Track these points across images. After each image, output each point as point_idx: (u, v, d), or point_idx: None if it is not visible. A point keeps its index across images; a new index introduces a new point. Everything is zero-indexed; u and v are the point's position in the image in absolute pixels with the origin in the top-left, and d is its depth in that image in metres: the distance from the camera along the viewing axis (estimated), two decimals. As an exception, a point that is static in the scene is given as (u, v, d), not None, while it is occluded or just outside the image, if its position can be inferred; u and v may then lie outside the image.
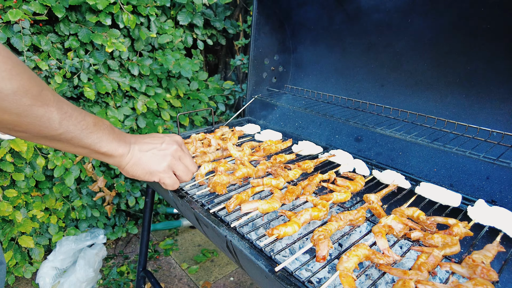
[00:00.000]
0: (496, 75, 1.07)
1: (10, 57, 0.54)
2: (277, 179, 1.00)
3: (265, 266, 0.69)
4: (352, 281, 0.63)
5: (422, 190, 0.98)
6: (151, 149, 0.87)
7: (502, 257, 0.74)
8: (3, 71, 0.53)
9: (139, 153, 0.84)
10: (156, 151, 0.88)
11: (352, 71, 1.50)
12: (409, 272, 0.64)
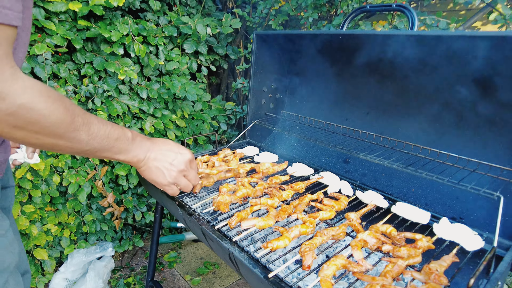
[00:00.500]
0: (465, 109, 1.23)
1: (50, 95, 0.69)
2: (272, 198, 1.16)
3: (261, 274, 0.84)
4: (330, 286, 0.78)
5: (397, 209, 1.13)
6: (162, 163, 1.03)
7: (457, 266, 0.89)
8: (45, 109, 0.68)
9: (151, 163, 1.01)
10: (164, 169, 1.04)
11: (341, 99, 1.67)
12: (377, 278, 0.79)
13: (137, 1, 2.16)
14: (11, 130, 0.64)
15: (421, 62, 1.21)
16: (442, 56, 1.14)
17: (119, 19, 2.12)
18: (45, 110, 0.67)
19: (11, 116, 0.62)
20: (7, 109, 0.61)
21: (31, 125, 0.66)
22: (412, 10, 1.17)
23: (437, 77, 1.23)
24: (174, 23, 2.32)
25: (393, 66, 1.31)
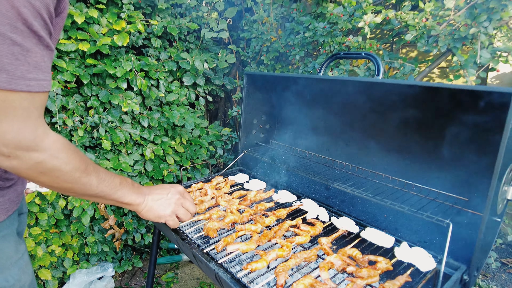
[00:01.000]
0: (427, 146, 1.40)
1: (69, 147, 0.86)
2: (256, 225, 1.31)
3: (241, 291, 0.99)
4: (298, 301, 0.93)
5: (366, 234, 1.28)
6: (160, 199, 1.20)
7: (410, 284, 1.03)
8: (66, 158, 0.85)
9: (151, 202, 1.17)
10: (163, 201, 1.20)
11: (323, 132, 1.84)
12: (338, 295, 0.94)
13: (140, 40, 2.37)
14: (38, 175, 0.81)
15: (383, 103, 1.39)
16: (397, 99, 1.32)
17: (123, 55, 2.33)
18: (66, 159, 0.84)
19: (40, 164, 0.79)
20: (37, 157, 0.78)
21: (54, 172, 0.82)
22: (378, 58, 1.36)
23: (398, 117, 1.40)
24: (174, 59, 2.53)
25: (362, 106, 1.49)
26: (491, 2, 1.31)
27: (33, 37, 0.71)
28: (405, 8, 1.58)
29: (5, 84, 0.68)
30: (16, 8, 0.65)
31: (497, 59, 1.40)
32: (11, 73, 0.68)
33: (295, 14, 2.28)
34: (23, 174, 0.82)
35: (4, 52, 0.66)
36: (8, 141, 0.74)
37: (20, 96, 0.72)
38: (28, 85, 0.72)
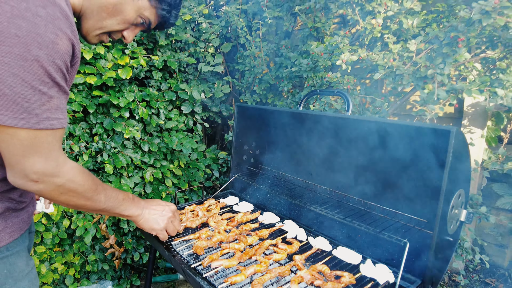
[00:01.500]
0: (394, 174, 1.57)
1: (84, 172, 1.05)
2: (239, 243, 1.47)
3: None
4: (268, 309, 1.08)
5: (337, 252, 1.43)
6: (155, 214, 1.38)
7: (368, 297, 1.18)
8: (81, 181, 1.03)
9: (147, 215, 1.35)
10: (157, 216, 1.38)
11: (307, 158, 2.02)
12: (303, 304, 1.08)
13: (142, 72, 2.60)
14: (59, 195, 1.00)
15: (353, 135, 1.57)
16: (364, 132, 1.50)
17: (127, 87, 2.55)
18: (81, 182, 1.03)
19: (61, 187, 0.98)
20: (59, 182, 0.97)
21: (71, 192, 1.01)
22: (348, 96, 1.55)
23: (368, 148, 1.58)
24: (173, 89, 2.75)
25: (335, 137, 1.67)
26: (444, 48, 1.51)
27: (55, 87, 0.91)
28: (376, 49, 1.79)
29: (35, 125, 0.87)
30: (44, 67, 0.85)
31: (454, 96, 1.58)
32: (40, 116, 0.88)
33: (284, 50, 2.50)
34: (46, 195, 1.01)
35: (35, 100, 0.86)
36: (37, 170, 0.93)
37: (46, 133, 0.91)
38: (52, 124, 0.92)
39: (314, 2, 2.04)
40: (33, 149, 0.91)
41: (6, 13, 0.78)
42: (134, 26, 1.16)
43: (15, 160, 0.92)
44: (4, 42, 0.77)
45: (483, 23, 1.38)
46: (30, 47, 0.80)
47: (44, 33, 0.82)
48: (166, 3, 1.14)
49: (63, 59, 0.91)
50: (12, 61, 0.79)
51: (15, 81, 0.82)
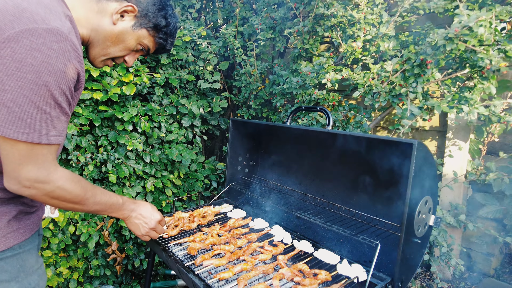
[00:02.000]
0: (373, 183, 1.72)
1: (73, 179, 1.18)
2: (229, 245, 1.62)
3: (209, 294, 1.28)
4: (251, 301, 1.22)
5: (318, 254, 1.58)
6: (140, 221, 1.52)
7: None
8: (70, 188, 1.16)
9: (133, 220, 1.49)
10: (141, 224, 1.52)
11: (295, 169, 2.17)
12: (281, 297, 1.23)
13: (145, 89, 2.79)
14: (49, 200, 1.14)
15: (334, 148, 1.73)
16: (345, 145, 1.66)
17: (131, 102, 2.74)
18: (70, 189, 1.17)
19: (51, 192, 1.12)
20: (49, 188, 1.11)
21: (61, 197, 1.16)
22: (329, 112, 1.72)
23: (347, 159, 1.74)
24: (174, 104, 2.94)
25: (320, 148, 1.83)
26: (415, 69, 1.68)
27: (57, 108, 1.07)
28: (357, 69, 1.96)
29: (35, 139, 1.03)
30: (50, 91, 1.02)
31: (427, 111, 1.74)
32: (40, 132, 1.03)
33: (277, 68, 2.69)
34: (39, 199, 1.15)
35: (38, 118, 1.02)
36: (30, 177, 1.07)
37: (42, 147, 1.06)
38: (49, 140, 1.07)
39: (302, 25, 2.23)
40: (28, 159, 1.05)
41: (26, 46, 0.95)
42: (135, 52, 1.34)
43: (12, 168, 1.07)
44: (21, 69, 0.95)
45: (447, 48, 1.55)
46: (41, 74, 0.98)
47: (54, 63, 0.99)
48: (162, 33, 1.32)
49: (68, 84, 1.07)
50: (25, 85, 0.97)
51: (24, 101, 0.98)
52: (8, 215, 1.19)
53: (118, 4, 1.22)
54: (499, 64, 1.54)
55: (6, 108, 0.98)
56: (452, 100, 1.74)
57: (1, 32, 0.96)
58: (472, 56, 1.66)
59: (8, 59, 0.96)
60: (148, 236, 1.56)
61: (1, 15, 0.98)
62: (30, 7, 1.00)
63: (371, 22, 1.88)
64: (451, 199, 2.89)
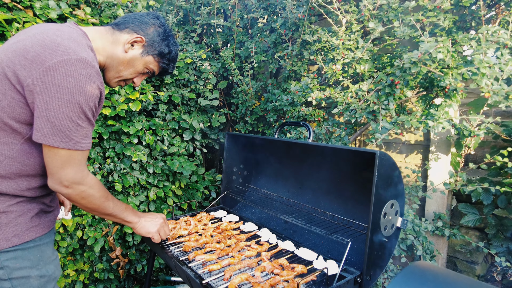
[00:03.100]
0: (348, 189, 1.93)
1: (99, 183, 1.42)
2: (220, 244, 1.82)
3: (198, 281, 1.48)
4: (234, 287, 1.42)
5: (298, 252, 1.77)
6: (150, 221, 1.72)
7: (315, 282, 1.50)
8: (97, 189, 1.41)
9: (144, 222, 1.70)
10: (152, 223, 1.72)
11: (284, 177, 2.39)
12: (260, 284, 1.42)
13: (150, 105, 3.05)
14: (80, 199, 1.37)
15: (315, 157, 1.95)
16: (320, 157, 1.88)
17: (136, 117, 2.99)
18: (97, 190, 1.41)
19: (83, 192, 1.35)
20: (82, 188, 1.34)
21: (90, 197, 1.39)
22: (309, 126, 1.94)
23: (326, 168, 1.95)
24: (176, 119, 3.19)
25: (303, 159, 2.05)
26: (386, 88, 1.91)
27: (87, 121, 1.31)
28: (337, 89, 2.20)
29: (72, 146, 1.27)
30: (81, 108, 1.26)
31: (398, 126, 1.96)
32: (75, 140, 1.28)
33: (270, 87, 2.94)
34: (72, 198, 1.38)
35: (73, 129, 1.26)
36: (69, 178, 1.31)
37: (77, 153, 1.30)
38: (82, 146, 1.31)
39: (291, 49, 2.49)
40: (67, 164, 1.30)
41: (62, 73, 1.21)
42: (142, 75, 1.59)
43: (55, 171, 1.31)
44: (59, 91, 1.20)
45: (412, 70, 1.78)
46: (74, 95, 1.23)
47: (84, 85, 1.25)
48: (166, 59, 1.58)
49: (94, 102, 1.32)
50: (63, 104, 1.21)
51: (63, 116, 1.23)
52: (32, 212, 1.41)
53: (129, 35, 1.49)
54: (457, 84, 1.76)
55: (50, 123, 1.23)
56: (421, 116, 1.96)
57: (42, 62, 1.23)
58: (433, 78, 1.89)
59: (49, 84, 1.21)
60: (159, 235, 1.75)
61: (41, 49, 1.24)
62: (64, 42, 1.27)
63: (349, 47, 2.13)
64: (435, 209, 3.07)
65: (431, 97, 2.07)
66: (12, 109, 1.26)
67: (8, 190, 1.33)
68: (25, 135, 1.31)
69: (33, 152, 1.34)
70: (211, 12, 3.05)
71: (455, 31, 2.09)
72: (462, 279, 0.97)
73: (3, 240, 1.33)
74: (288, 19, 2.40)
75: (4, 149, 1.30)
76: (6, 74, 1.25)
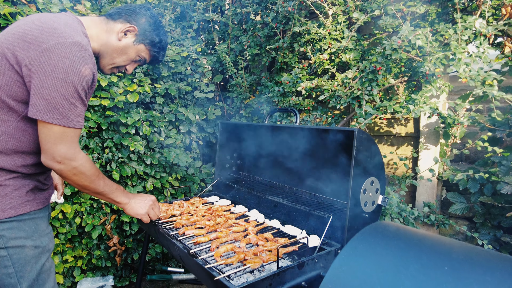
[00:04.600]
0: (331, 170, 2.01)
1: (90, 160, 1.51)
2: (210, 222, 1.91)
3: (187, 251, 1.57)
4: (219, 255, 1.50)
5: (284, 228, 1.85)
6: (140, 202, 1.79)
7: (297, 252, 1.58)
8: (89, 166, 1.49)
9: (133, 204, 1.77)
10: (141, 204, 1.80)
11: (275, 162, 2.47)
12: (244, 251, 1.51)
13: (147, 98, 3.16)
14: (72, 175, 1.45)
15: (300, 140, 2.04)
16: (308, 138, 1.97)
17: (134, 109, 3.10)
18: (89, 167, 1.49)
19: (74, 169, 1.43)
20: (74, 164, 1.42)
21: (81, 174, 1.47)
22: (296, 111, 2.03)
23: (311, 150, 2.04)
24: (173, 112, 3.29)
25: (291, 143, 2.14)
26: (369, 75, 2.00)
27: (80, 100, 1.41)
28: (325, 77, 2.29)
29: (65, 123, 1.36)
30: (75, 87, 1.36)
31: (380, 111, 2.04)
32: (68, 118, 1.37)
33: (264, 80, 3.04)
34: (64, 174, 1.47)
35: (67, 107, 1.36)
36: (61, 154, 1.40)
37: (70, 130, 1.39)
38: (75, 124, 1.41)
39: (282, 42, 2.59)
40: (60, 140, 1.39)
41: (57, 54, 1.31)
42: (134, 62, 1.69)
43: (48, 146, 1.40)
44: (55, 71, 1.30)
45: (392, 57, 1.87)
46: (69, 75, 1.33)
47: (78, 66, 1.35)
48: (156, 47, 1.68)
49: (87, 83, 1.42)
50: (58, 83, 1.31)
51: (57, 94, 1.33)
52: (27, 187, 1.50)
53: (123, 25, 1.60)
54: (436, 70, 1.85)
55: (45, 100, 1.32)
56: (403, 101, 2.05)
57: (40, 44, 1.33)
58: (414, 64, 1.98)
59: (46, 64, 1.31)
60: (148, 215, 1.83)
61: (39, 32, 1.34)
62: (60, 27, 1.38)
63: (335, 37, 2.22)
64: (425, 199, 3.14)
65: (414, 84, 2.16)
66: (9, 87, 1.36)
67: (4, 165, 1.42)
68: (21, 113, 1.40)
69: (29, 130, 1.43)
70: (208, 9, 3.16)
71: (437, 22, 2.18)
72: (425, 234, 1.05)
73: (0, 211, 1.42)
74: (279, 13, 2.51)
75: (1, 125, 1.39)
76: (5, 55, 1.35)
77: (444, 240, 1.00)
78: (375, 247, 0.98)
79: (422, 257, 0.90)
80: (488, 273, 0.81)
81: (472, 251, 0.92)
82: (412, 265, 0.88)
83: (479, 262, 0.87)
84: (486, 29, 1.86)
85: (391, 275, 0.87)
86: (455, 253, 0.91)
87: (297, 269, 1.42)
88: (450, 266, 0.85)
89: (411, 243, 0.98)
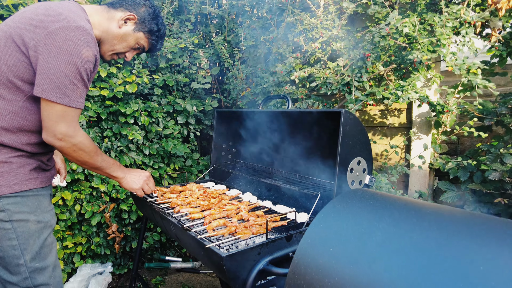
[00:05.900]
0: (319, 153, 2.08)
1: (89, 138, 1.58)
2: (204, 201, 1.98)
3: (181, 226, 1.64)
4: (211, 228, 1.57)
5: (275, 207, 1.93)
6: (135, 177, 1.89)
7: (285, 227, 1.65)
8: (88, 143, 1.57)
9: (129, 178, 1.86)
10: (136, 179, 1.89)
11: (269, 148, 2.55)
12: (235, 225, 1.58)
13: (146, 89, 3.23)
14: (72, 152, 1.53)
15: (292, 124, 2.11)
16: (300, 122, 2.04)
17: (133, 100, 3.17)
18: (88, 144, 1.57)
19: (75, 145, 1.51)
20: (74, 141, 1.50)
21: (81, 150, 1.55)
22: (288, 97, 2.11)
23: (302, 133, 2.11)
24: (171, 103, 3.37)
25: (284, 128, 2.21)
26: (359, 62, 2.07)
27: (82, 81, 1.49)
28: (317, 66, 2.36)
29: (67, 103, 1.44)
30: (78, 69, 1.44)
31: (370, 97, 2.11)
32: (70, 97, 1.45)
33: (260, 71, 3.12)
34: (65, 150, 1.55)
35: (69, 88, 1.43)
36: (62, 132, 1.48)
37: (71, 110, 1.47)
38: (76, 104, 1.48)
39: (276, 33, 2.67)
40: (62, 118, 1.47)
41: (62, 37, 1.38)
42: (133, 50, 1.77)
43: (50, 124, 1.48)
44: (59, 53, 1.38)
45: (381, 44, 1.94)
46: (73, 57, 1.40)
47: (81, 49, 1.42)
48: (155, 36, 1.76)
49: (90, 65, 1.50)
50: (62, 64, 1.39)
51: (61, 75, 1.40)
52: (30, 165, 1.58)
53: (123, 13, 1.68)
54: (423, 57, 1.92)
55: (49, 79, 1.40)
56: (392, 88, 2.12)
57: (46, 27, 1.41)
58: (404, 53, 2.05)
59: (51, 46, 1.39)
60: (142, 190, 1.92)
61: (45, 16, 1.42)
62: (64, 12, 1.46)
63: (326, 26, 2.30)
64: (417, 188, 3.21)
65: (403, 72, 2.23)
66: (17, 68, 1.44)
67: (10, 142, 1.50)
68: (27, 93, 1.49)
69: (34, 109, 1.52)
70: (205, 2, 3.24)
71: (425, 12, 2.25)
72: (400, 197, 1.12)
73: (5, 187, 1.50)
74: (273, 4, 2.58)
75: (9, 105, 1.48)
76: (13, 38, 1.43)
77: (418, 201, 1.08)
78: (351, 207, 1.05)
79: (395, 213, 0.97)
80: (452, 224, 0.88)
81: (443, 208, 0.99)
82: (385, 219, 0.95)
83: (447, 216, 0.94)
84: (471, 17, 1.94)
85: (364, 227, 0.94)
86: (426, 209, 0.98)
87: (285, 240, 1.49)
88: (419, 218, 0.92)
89: (386, 203, 1.05)
